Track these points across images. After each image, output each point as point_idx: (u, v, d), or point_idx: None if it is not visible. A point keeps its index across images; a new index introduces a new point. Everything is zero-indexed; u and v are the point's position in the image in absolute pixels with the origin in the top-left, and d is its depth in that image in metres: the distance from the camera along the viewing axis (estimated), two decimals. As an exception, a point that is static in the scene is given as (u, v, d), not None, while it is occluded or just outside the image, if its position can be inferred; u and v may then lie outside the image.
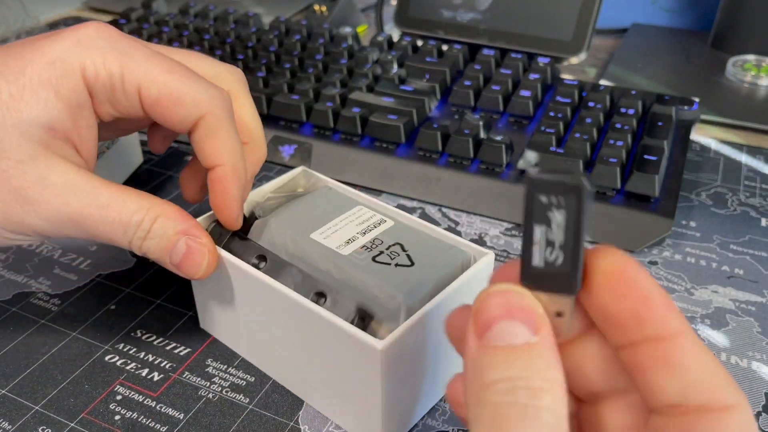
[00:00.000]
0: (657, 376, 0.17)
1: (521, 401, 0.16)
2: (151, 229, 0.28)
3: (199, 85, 0.28)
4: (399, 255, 0.29)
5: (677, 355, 0.17)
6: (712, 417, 0.17)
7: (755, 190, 0.46)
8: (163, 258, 0.29)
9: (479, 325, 0.17)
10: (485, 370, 0.17)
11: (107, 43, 0.28)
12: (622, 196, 0.41)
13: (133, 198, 0.28)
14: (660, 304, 0.17)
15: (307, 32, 0.59)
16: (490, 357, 0.17)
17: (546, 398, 0.16)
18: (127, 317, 0.35)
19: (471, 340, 0.18)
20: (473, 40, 0.58)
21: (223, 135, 0.29)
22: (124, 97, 0.28)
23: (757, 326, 0.35)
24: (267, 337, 0.30)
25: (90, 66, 0.27)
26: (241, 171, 0.30)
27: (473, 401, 0.17)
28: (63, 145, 0.28)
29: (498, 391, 0.16)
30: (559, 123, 0.45)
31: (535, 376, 0.16)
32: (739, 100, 0.56)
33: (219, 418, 0.30)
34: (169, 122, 0.29)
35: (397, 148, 0.46)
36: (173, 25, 0.61)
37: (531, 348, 0.17)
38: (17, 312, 0.35)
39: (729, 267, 0.39)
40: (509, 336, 0.17)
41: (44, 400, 0.30)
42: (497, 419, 0.16)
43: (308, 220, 0.31)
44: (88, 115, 0.28)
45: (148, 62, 0.28)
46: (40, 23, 0.62)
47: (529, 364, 0.17)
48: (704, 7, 0.70)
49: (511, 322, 0.17)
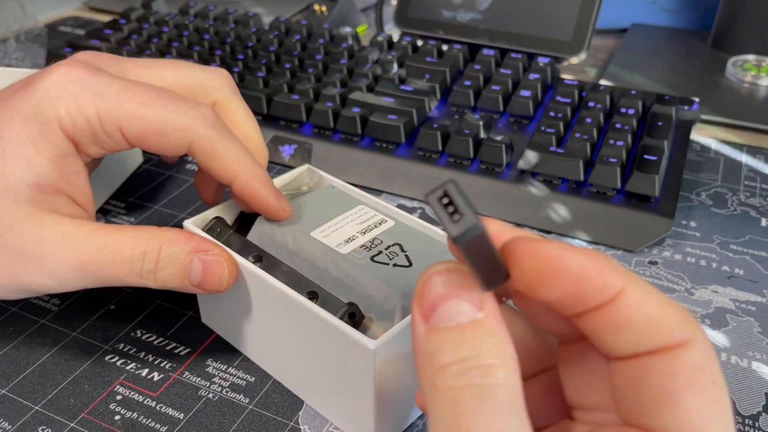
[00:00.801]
0: (608, 338, 0.17)
1: (475, 382, 0.16)
2: (159, 259, 0.27)
3: (179, 111, 0.28)
4: (398, 255, 0.29)
5: (622, 314, 0.17)
6: (667, 356, 0.17)
7: (755, 190, 0.46)
8: (183, 283, 0.28)
9: (424, 307, 0.17)
10: (436, 354, 0.17)
11: (77, 87, 0.27)
12: (622, 196, 0.41)
13: (130, 233, 0.27)
14: (594, 271, 0.17)
15: (307, 32, 0.59)
16: (439, 339, 0.17)
17: (499, 374, 0.16)
18: (127, 317, 0.35)
19: (418, 324, 0.17)
20: (473, 40, 0.58)
21: (222, 152, 0.28)
22: (107, 138, 0.28)
23: (757, 326, 0.35)
24: (266, 334, 0.30)
25: (65, 115, 0.27)
26: (257, 170, 0.29)
27: (428, 388, 0.17)
28: (54, 198, 0.28)
29: (451, 375, 0.16)
30: (559, 123, 0.45)
31: (486, 353, 0.16)
32: (739, 100, 0.56)
33: (219, 418, 0.30)
34: (160, 152, 0.29)
35: (397, 148, 0.46)
36: (173, 25, 0.61)
37: (478, 325, 0.17)
38: (17, 312, 0.35)
39: (729, 267, 0.39)
40: (456, 315, 0.17)
41: (44, 400, 0.30)
42: (453, 406, 0.16)
43: (310, 218, 0.31)
44: (73, 162, 0.28)
45: (122, 98, 0.27)
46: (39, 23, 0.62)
47: (479, 341, 0.16)
48: (704, 7, 0.70)
49: (456, 300, 0.17)
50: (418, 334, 0.17)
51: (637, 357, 0.17)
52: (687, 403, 0.16)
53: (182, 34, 0.59)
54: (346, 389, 0.27)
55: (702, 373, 0.16)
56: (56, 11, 0.76)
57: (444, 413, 0.16)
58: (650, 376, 0.17)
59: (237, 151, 0.29)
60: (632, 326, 0.17)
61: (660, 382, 0.17)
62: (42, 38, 0.61)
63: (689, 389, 0.16)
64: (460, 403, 0.16)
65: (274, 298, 0.28)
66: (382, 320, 0.26)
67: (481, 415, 0.15)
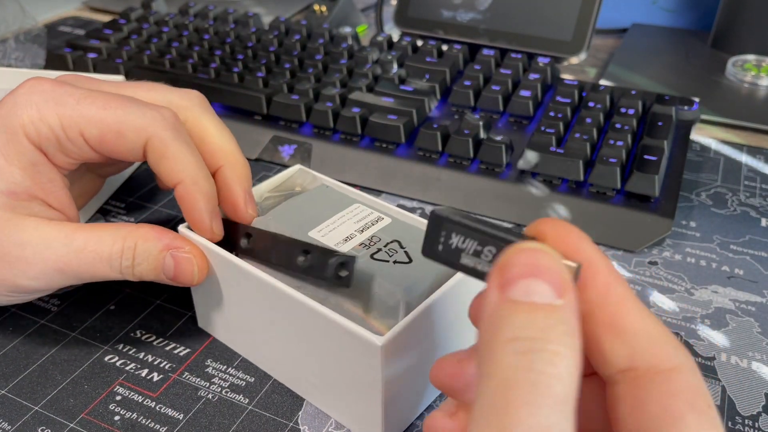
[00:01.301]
0: (607, 343, 0.18)
1: (535, 367, 0.15)
2: (135, 255, 0.29)
3: (137, 112, 0.29)
4: (397, 252, 0.29)
5: (624, 321, 0.17)
6: (665, 377, 0.17)
7: (755, 190, 0.46)
8: (159, 276, 0.30)
9: (503, 278, 0.17)
10: (504, 325, 0.16)
11: (40, 98, 0.28)
12: (622, 196, 0.41)
13: (107, 232, 0.29)
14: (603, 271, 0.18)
15: (306, 32, 0.59)
16: (511, 311, 0.16)
17: (561, 365, 0.15)
18: (127, 318, 0.35)
19: (492, 293, 0.17)
20: (473, 40, 0.58)
21: (173, 153, 0.29)
22: (71, 144, 0.29)
23: (757, 326, 0.35)
24: (266, 334, 0.30)
25: (29, 125, 0.28)
26: (202, 181, 0.29)
27: (486, 357, 0.16)
28: (29, 204, 0.29)
29: (513, 351, 0.16)
30: (559, 123, 0.45)
31: (555, 339, 0.16)
32: (739, 100, 0.56)
33: (219, 418, 0.30)
34: (120, 156, 0.30)
35: (397, 148, 0.46)
36: (173, 25, 0.61)
37: (554, 310, 0.16)
38: (17, 312, 0.35)
39: (729, 267, 0.39)
40: (533, 294, 0.16)
41: (44, 400, 0.30)
42: (506, 389, 0.15)
43: (306, 219, 0.31)
44: (46, 170, 0.29)
45: (82, 104, 0.28)
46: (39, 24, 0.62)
47: (550, 326, 0.16)
48: (704, 7, 0.70)
49: (537, 280, 0.16)
50: (490, 301, 0.17)
51: (633, 376, 0.17)
52: (690, 423, 0.16)
53: (182, 34, 0.59)
54: (352, 387, 0.27)
55: (700, 395, 0.17)
56: (56, 11, 0.76)
57: (495, 393, 0.15)
58: (651, 399, 0.17)
59: (189, 158, 0.29)
60: (632, 336, 0.17)
61: (662, 403, 0.17)
62: (41, 38, 0.61)
63: (691, 410, 0.16)
64: (514, 387, 0.15)
65: (276, 300, 0.28)
66: (387, 317, 0.26)
67: (531, 407, 0.15)
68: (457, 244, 0.19)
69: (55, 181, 0.30)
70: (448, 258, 0.19)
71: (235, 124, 0.49)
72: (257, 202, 0.33)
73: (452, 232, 0.19)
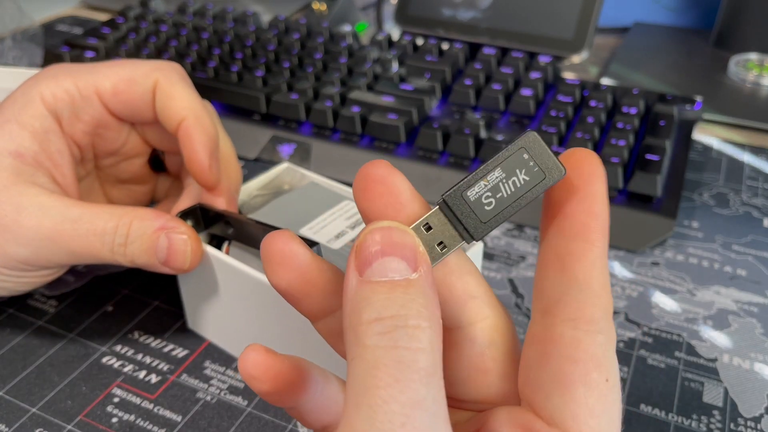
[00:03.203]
0: (548, 279, 0.18)
1: (399, 344, 0.16)
2: (129, 233, 0.29)
3: (145, 65, 0.32)
4: None
5: (575, 267, 0.18)
6: (570, 338, 0.17)
7: (758, 190, 0.46)
8: (151, 259, 0.29)
9: (360, 260, 0.17)
10: (365, 307, 0.17)
11: (57, 70, 0.31)
12: (624, 196, 0.41)
13: (104, 209, 0.29)
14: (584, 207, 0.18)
15: (306, 31, 0.58)
16: (370, 292, 0.17)
17: (424, 337, 0.16)
18: (125, 319, 0.35)
19: (351, 276, 0.17)
20: (474, 39, 0.57)
21: (179, 92, 0.31)
22: (86, 104, 0.31)
23: (759, 327, 0.34)
24: (257, 332, 0.30)
25: (46, 91, 0.30)
26: (205, 118, 0.31)
27: (352, 340, 0.17)
28: (34, 171, 0.29)
29: (376, 332, 0.16)
30: (560, 122, 0.45)
31: (414, 313, 0.16)
32: (741, 100, 0.56)
33: (217, 420, 0.29)
34: (132, 106, 0.31)
35: (397, 147, 0.45)
36: (171, 24, 0.61)
37: (411, 284, 0.17)
38: (14, 314, 0.35)
39: (731, 268, 0.39)
40: (390, 272, 0.17)
41: (41, 402, 0.30)
42: (373, 368, 0.16)
43: (297, 216, 0.31)
44: (56, 140, 0.30)
45: (94, 68, 0.31)
46: (36, 23, 0.62)
47: (408, 301, 0.16)
48: (706, 6, 0.70)
49: (392, 258, 0.17)
50: (350, 285, 0.17)
51: (551, 323, 0.18)
52: (577, 392, 0.17)
53: (180, 32, 0.59)
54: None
55: (599, 368, 0.17)
56: (53, 10, 0.76)
57: (363, 373, 0.16)
58: (554, 357, 0.18)
59: (193, 96, 0.31)
60: (576, 281, 0.18)
61: (561, 367, 0.17)
62: (39, 37, 0.61)
63: (582, 380, 0.17)
64: (381, 366, 0.16)
65: (268, 296, 0.28)
66: None
67: (401, 384, 0.15)
68: (480, 198, 0.19)
69: (63, 153, 0.31)
70: (487, 216, 0.18)
71: (234, 124, 0.49)
72: (246, 201, 0.33)
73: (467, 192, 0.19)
